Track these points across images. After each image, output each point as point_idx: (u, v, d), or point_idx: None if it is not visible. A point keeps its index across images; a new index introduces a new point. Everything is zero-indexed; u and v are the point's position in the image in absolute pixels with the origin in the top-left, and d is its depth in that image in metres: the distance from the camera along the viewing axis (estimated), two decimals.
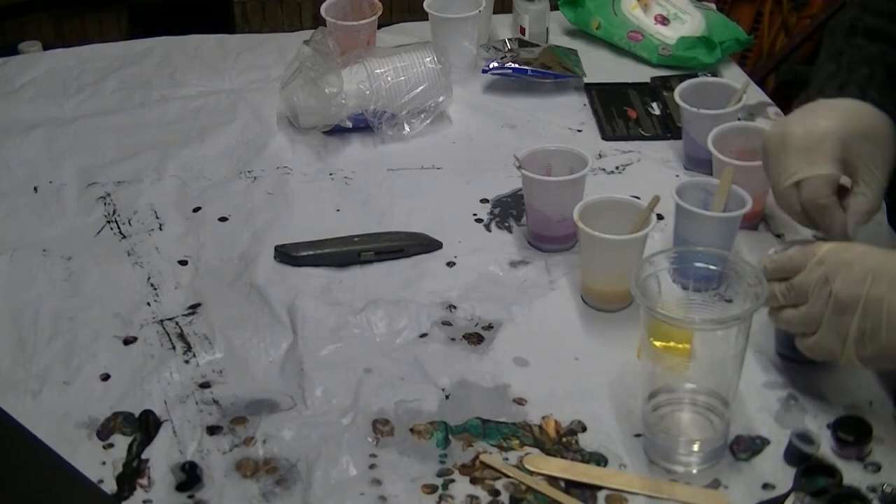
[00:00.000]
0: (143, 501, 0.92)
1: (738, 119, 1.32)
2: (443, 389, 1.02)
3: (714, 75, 1.55)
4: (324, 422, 0.99)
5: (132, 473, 0.94)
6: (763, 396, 1.00)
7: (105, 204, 1.32)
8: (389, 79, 1.42)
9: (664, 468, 0.93)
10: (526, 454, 0.95)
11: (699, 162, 1.33)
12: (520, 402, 1.01)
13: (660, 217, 1.21)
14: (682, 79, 1.42)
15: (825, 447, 0.94)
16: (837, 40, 1.14)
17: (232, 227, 1.27)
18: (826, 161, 1.01)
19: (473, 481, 0.93)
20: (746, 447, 0.95)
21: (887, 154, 1.03)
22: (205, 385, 1.04)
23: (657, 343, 0.91)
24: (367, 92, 1.41)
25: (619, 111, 1.50)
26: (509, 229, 1.26)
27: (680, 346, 0.91)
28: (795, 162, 1.02)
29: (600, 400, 1.01)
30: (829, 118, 1.03)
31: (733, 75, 1.57)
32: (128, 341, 1.10)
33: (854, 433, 0.93)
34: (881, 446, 0.94)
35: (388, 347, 1.08)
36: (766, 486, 0.91)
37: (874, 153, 1.02)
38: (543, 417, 0.99)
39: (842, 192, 1.03)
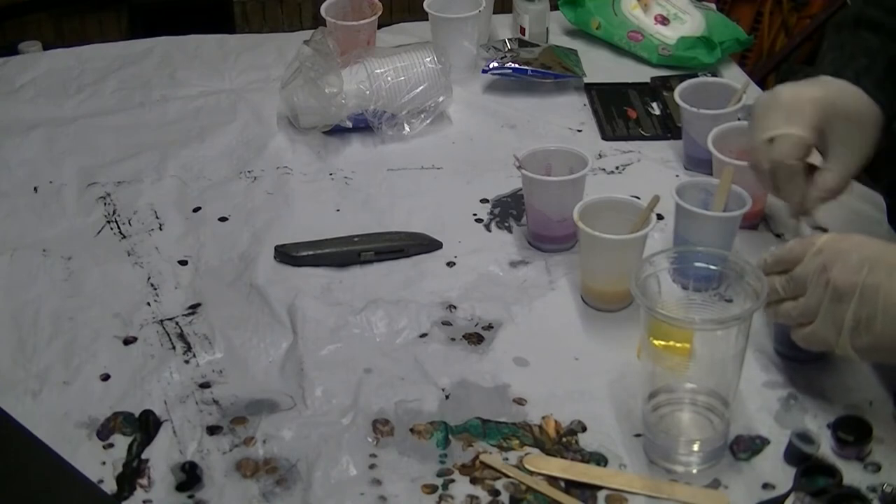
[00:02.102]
0: (143, 501, 0.92)
1: (738, 119, 1.32)
2: (443, 389, 1.03)
3: (714, 75, 1.55)
4: (324, 422, 0.99)
5: (132, 473, 0.94)
6: (763, 396, 1.00)
7: (105, 204, 1.32)
8: (389, 79, 1.42)
9: (664, 468, 0.93)
10: (526, 454, 0.95)
11: (699, 162, 1.33)
12: (520, 402, 1.01)
13: (660, 217, 1.21)
14: (682, 79, 1.42)
15: (825, 447, 0.94)
16: (841, 33, 1.15)
17: (232, 227, 1.27)
18: (802, 124, 1.03)
19: (473, 481, 0.93)
20: (746, 447, 0.95)
21: (865, 139, 1.05)
22: (205, 385, 1.04)
23: (657, 343, 0.91)
24: (367, 92, 1.41)
25: (619, 111, 1.50)
26: (509, 229, 1.26)
27: (680, 345, 0.91)
28: (774, 120, 1.05)
29: (600, 400, 1.01)
30: (817, 88, 1.06)
31: (733, 75, 1.57)
32: (128, 341, 1.10)
33: (854, 433, 0.93)
34: (881, 446, 0.94)
35: (388, 347, 1.08)
36: (766, 486, 0.91)
37: (852, 134, 1.05)
38: (543, 417, 0.99)
39: (812, 170, 1.05)
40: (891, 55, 1.10)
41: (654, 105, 1.51)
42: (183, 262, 1.21)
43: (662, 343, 0.91)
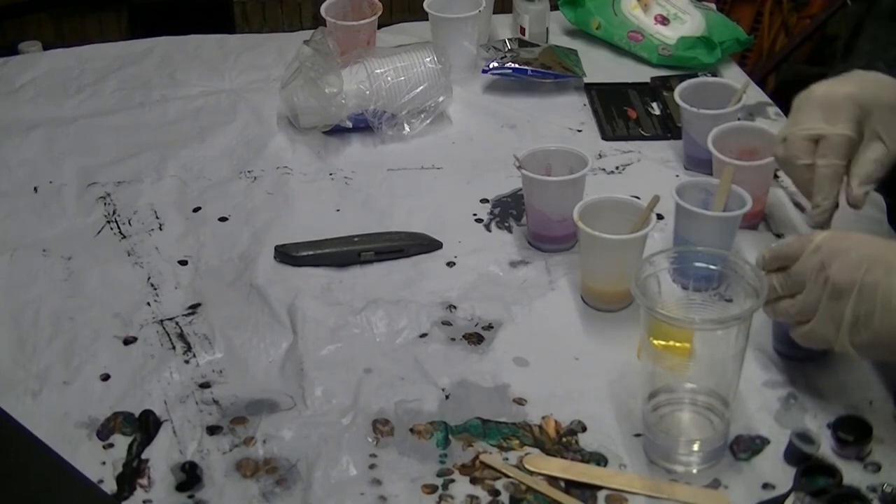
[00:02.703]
0: (143, 501, 0.92)
1: (738, 119, 1.32)
2: (443, 389, 1.02)
3: (714, 75, 1.55)
4: (324, 422, 0.99)
5: (132, 473, 0.94)
6: (763, 396, 1.00)
7: (105, 204, 1.32)
8: (389, 79, 1.42)
9: (664, 468, 0.93)
10: (526, 454, 0.95)
11: (699, 162, 1.33)
12: (520, 402, 1.01)
13: (660, 217, 1.21)
14: (682, 79, 1.42)
15: (825, 447, 0.94)
16: (877, 23, 1.15)
17: (232, 227, 1.27)
18: (845, 121, 1.03)
19: (473, 481, 0.93)
20: (746, 447, 0.95)
21: None
22: (205, 385, 1.04)
23: (657, 343, 0.91)
24: (367, 92, 1.41)
25: (619, 111, 1.50)
26: (509, 229, 1.26)
27: (680, 345, 0.91)
28: (813, 117, 1.05)
29: (600, 400, 1.01)
30: (851, 84, 1.06)
31: (733, 75, 1.57)
32: (128, 341, 1.10)
33: (854, 433, 0.93)
34: (881, 446, 0.94)
35: (388, 347, 1.08)
36: (766, 486, 0.91)
37: (886, 118, 1.04)
38: (543, 417, 0.99)
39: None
40: None
41: (654, 105, 1.51)
42: (183, 262, 1.21)
43: (662, 343, 0.91)
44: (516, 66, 1.53)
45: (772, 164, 1.19)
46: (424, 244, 1.22)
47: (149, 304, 1.15)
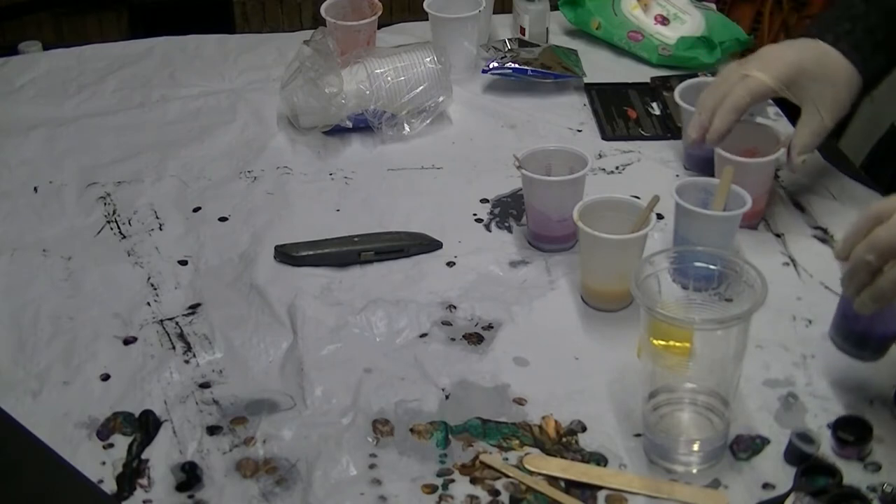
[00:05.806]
0: (143, 501, 0.92)
1: None
2: (443, 389, 1.02)
3: (714, 75, 1.55)
4: (324, 422, 0.99)
5: (132, 473, 0.94)
6: (763, 395, 1.00)
7: (105, 204, 1.32)
8: (389, 79, 1.42)
9: (664, 468, 0.93)
10: (526, 454, 0.95)
11: (699, 162, 1.33)
12: (520, 402, 1.01)
13: (660, 217, 1.21)
14: (682, 79, 1.42)
15: (825, 447, 0.94)
16: None
17: (232, 227, 1.27)
18: (771, 75, 1.14)
19: (473, 481, 0.93)
20: (746, 447, 0.95)
21: (839, 98, 1.16)
22: (205, 385, 1.04)
23: (657, 343, 0.91)
24: (367, 92, 1.41)
25: (619, 111, 1.50)
26: (509, 229, 1.26)
27: (680, 345, 0.91)
28: (751, 64, 1.16)
29: (600, 400, 1.01)
30: (793, 52, 1.16)
31: None
32: (128, 341, 1.10)
33: (854, 433, 0.93)
34: (881, 446, 0.94)
35: (388, 347, 1.08)
36: (766, 486, 0.91)
37: (824, 93, 1.15)
38: (543, 417, 0.99)
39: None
40: (870, 23, 1.16)
41: (654, 105, 1.51)
42: (183, 262, 1.21)
43: (662, 343, 0.91)
44: (516, 66, 1.53)
45: (772, 164, 1.20)
46: (424, 244, 1.22)
47: (149, 304, 1.15)
